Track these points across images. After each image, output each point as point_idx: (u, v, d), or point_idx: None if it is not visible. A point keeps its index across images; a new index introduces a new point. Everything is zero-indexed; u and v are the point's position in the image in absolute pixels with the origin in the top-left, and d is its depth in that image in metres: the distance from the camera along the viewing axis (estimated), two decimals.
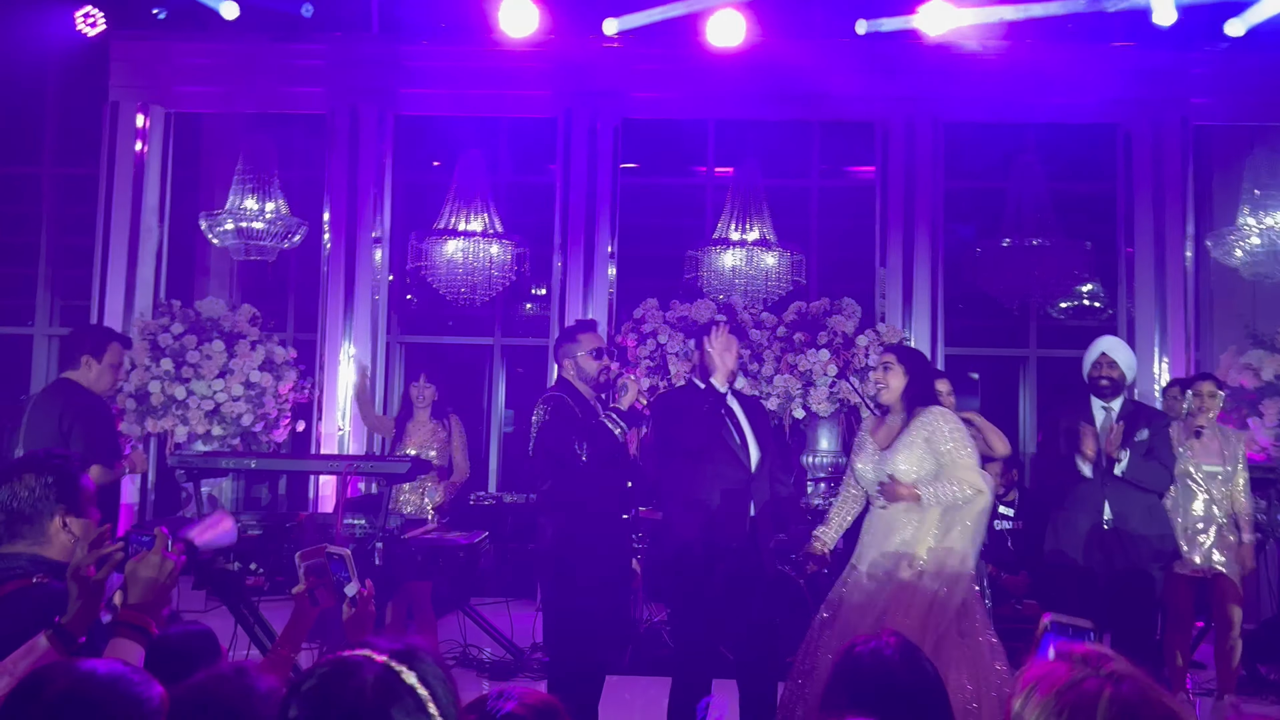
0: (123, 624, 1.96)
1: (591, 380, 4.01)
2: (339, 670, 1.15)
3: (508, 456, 8.30)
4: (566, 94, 7.47)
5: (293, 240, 7.12)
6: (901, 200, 7.31)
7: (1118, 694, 1.17)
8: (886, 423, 3.84)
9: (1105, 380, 4.48)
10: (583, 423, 3.78)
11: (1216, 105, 7.27)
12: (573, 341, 4.03)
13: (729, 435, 3.87)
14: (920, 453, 3.65)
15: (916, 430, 3.68)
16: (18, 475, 2.22)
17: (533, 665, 5.53)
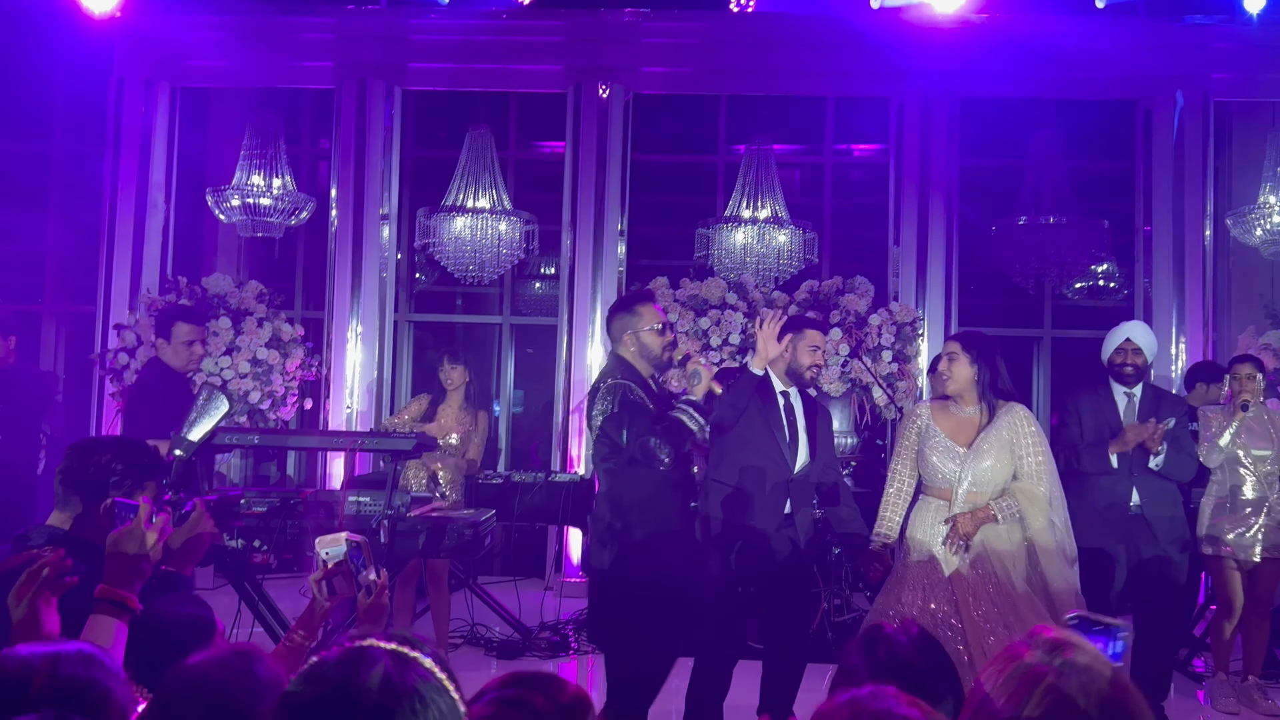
0: (101, 600, 1.90)
1: (656, 360, 3.56)
2: (350, 658, 1.09)
3: (516, 436, 8.27)
4: (577, 68, 7.39)
5: (300, 217, 7.07)
6: (916, 177, 7.21)
7: (1058, 683, 1.17)
8: (956, 414, 3.67)
9: (1130, 367, 4.39)
10: (655, 416, 3.38)
11: (1237, 81, 7.14)
12: (631, 314, 3.56)
13: (778, 429, 3.79)
14: (1006, 454, 3.56)
15: (1001, 429, 3.57)
16: (95, 449, 2.32)
17: (540, 645, 5.51)
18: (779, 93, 7.60)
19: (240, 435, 3.47)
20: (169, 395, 4.28)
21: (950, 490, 3.60)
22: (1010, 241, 6.79)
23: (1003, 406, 3.61)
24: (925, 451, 3.65)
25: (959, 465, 3.56)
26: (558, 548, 7.13)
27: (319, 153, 8.18)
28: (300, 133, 8.25)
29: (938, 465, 3.61)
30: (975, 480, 3.56)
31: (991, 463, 3.54)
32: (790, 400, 3.85)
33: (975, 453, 3.55)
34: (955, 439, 3.61)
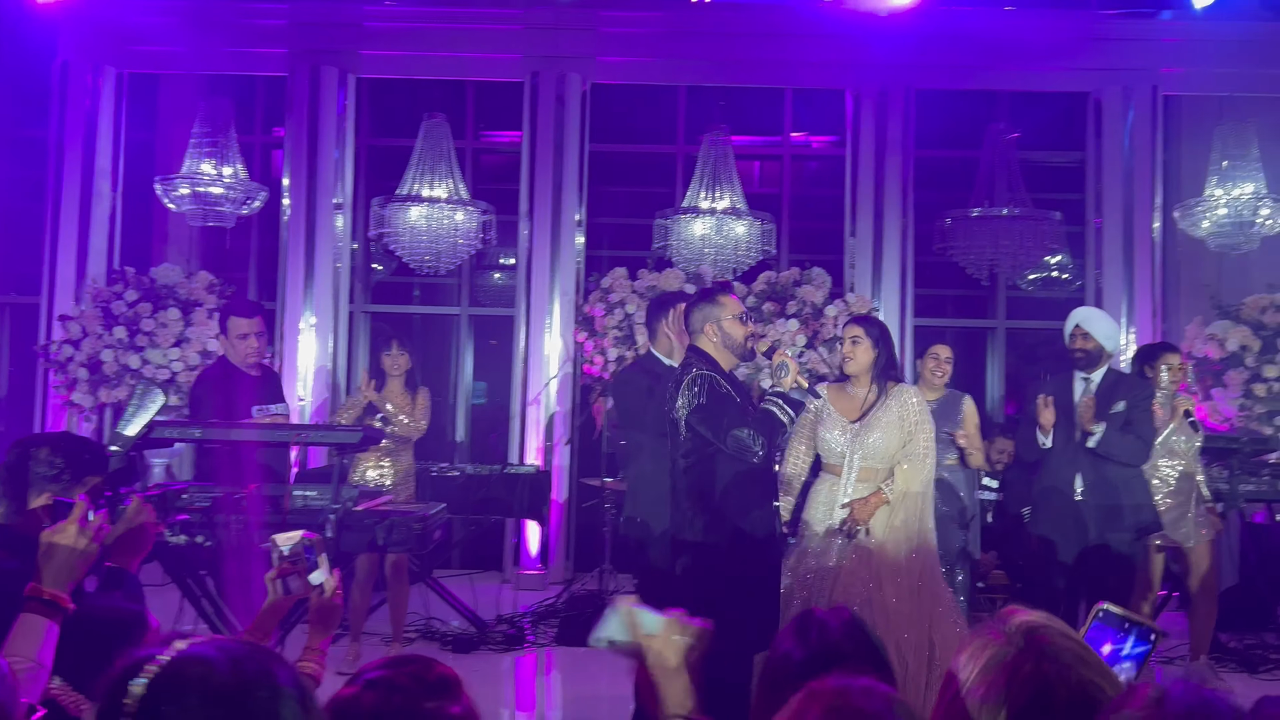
0: (31, 599, 1.85)
1: (739, 350, 3.45)
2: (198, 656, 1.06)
3: (477, 428, 8.21)
4: (534, 57, 7.33)
5: (252, 206, 6.95)
6: (872, 169, 7.25)
7: (1016, 661, 1.16)
8: (849, 393, 3.81)
9: (1080, 353, 4.45)
10: (744, 409, 3.32)
11: (1186, 75, 7.25)
12: (713, 304, 3.46)
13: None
14: (895, 431, 3.67)
15: (891, 407, 3.69)
16: (35, 443, 2.28)
17: (496, 638, 5.48)
18: (737, 83, 7.59)
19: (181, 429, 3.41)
20: (223, 392, 4.24)
21: (842, 466, 3.70)
22: (964, 233, 6.85)
23: (893, 387, 3.75)
24: (819, 430, 3.77)
25: (849, 440, 3.68)
26: (516, 540, 7.10)
27: (272, 141, 8.05)
28: (252, 120, 8.11)
29: (830, 441, 3.72)
30: (865, 454, 3.68)
31: (879, 436, 3.66)
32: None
33: (864, 427, 3.68)
34: (847, 416, 3.73)
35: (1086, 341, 4.43)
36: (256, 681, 1.02)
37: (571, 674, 5.22)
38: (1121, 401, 4.32)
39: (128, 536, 2.46)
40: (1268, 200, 6.45)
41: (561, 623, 5.84)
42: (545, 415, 7.13)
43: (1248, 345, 6.44)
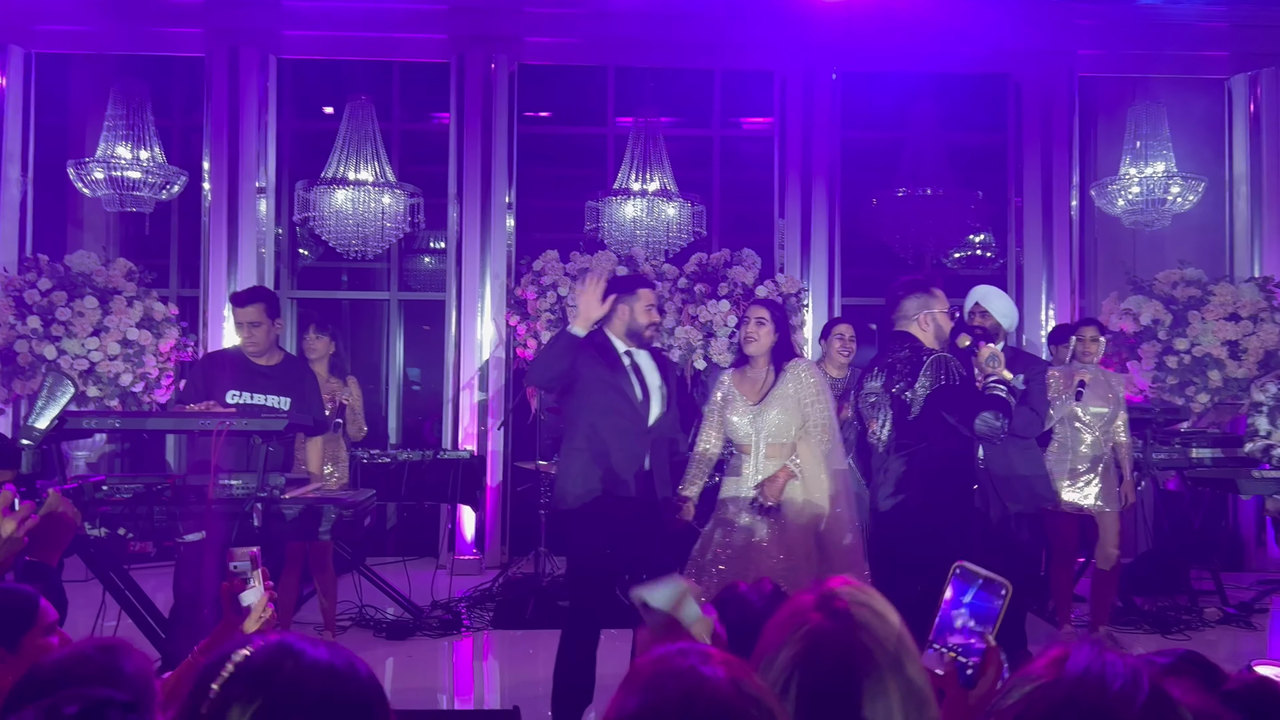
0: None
1: (944, 342, 3.70)
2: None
3: (409, 414, 8.13)
4: (461, 38, 7.24)
5: (171, 191, 6.77)
6: (799, 151, 7.32)
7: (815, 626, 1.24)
8: (749, 376, 3.90)
9: (978, 330, 4.55)
10: (974, 391, 3.47)
11: (1101, 57, 7.46)
12: (930, 295, 3.72)
13: (629, 389, 3.83)
14: (793, 407, 3.78)
15: (787, 384, 3.80)
16: None
17: (431, 624, 5.46)
18: (666, 65, 7.60)
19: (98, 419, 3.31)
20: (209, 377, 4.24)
21: (746, 444, 3.82)
22: (890, 213, 6.97)
23: (788, 364, 3.86)
24: (726, 414, 3.87)
25: (752, 420, 3.79)
26: (451, 526, 7.06)
27: (191, 124, 7.83)
28: (170, 103, 7.89)
29: (736, 423, 3.83)
30: (769, 433, 3.77)
31: (778, 413, 3.76)
32: (635, 359, 3.88)
33: (764, 406, 3.78)
34: (749, 398, 3.84)
35: (985, 319, 4.54)
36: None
37: (509, 658, 5.22)
38: (1019, 375, 4.45)
39: (45, 529, 2.39)
40: (1178, 179, 6.67)
41: (497, 607, 5.84)
42: (478, 400, 7.10)
43: (1160, 319, 6.67)
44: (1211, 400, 6.63)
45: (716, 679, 1.03)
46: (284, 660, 1.07)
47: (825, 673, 1.21)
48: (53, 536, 2.41)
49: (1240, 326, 6.60)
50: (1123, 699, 0.93)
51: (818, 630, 1.23)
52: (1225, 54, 7.40)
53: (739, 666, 1.07)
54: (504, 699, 4.62)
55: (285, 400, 4.22)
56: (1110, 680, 0.95)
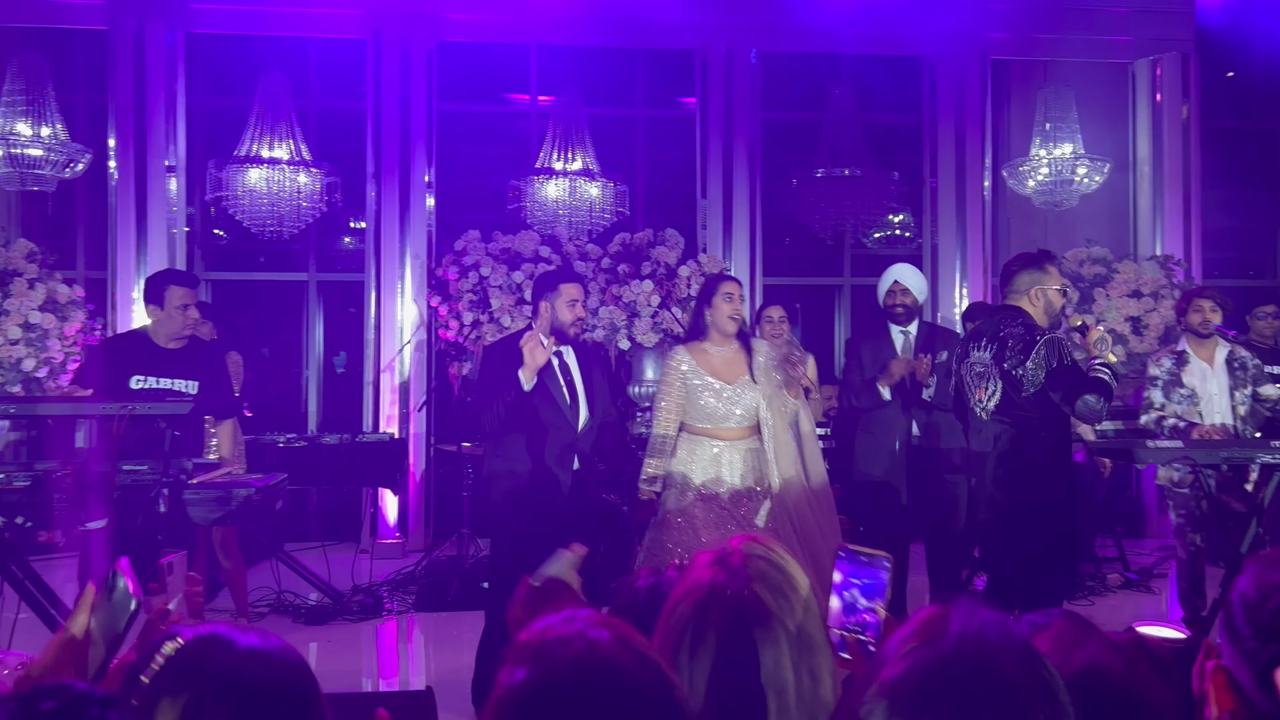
0: None
1: (1053, 318, 3.86)
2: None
3: (337, 398, 8.00)
4: (377, 13, 7.10)
5: (75, 169, 6.53)
6: (721, 131, 7.36)
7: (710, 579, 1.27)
8: (717, 354, 3.84)
9: (900, 308, 4.65)
10: (1080, 373, 3.59)
11: (1012, 40, 7.63)
12: (1042, 271, 3.83)
13: (558, 394, 3.80)
14: (765, 384, 3.80)
15: (759, 363, 3.82)
16: None
17: (352, 608, 5.41)
18: (588, 43, 7.55)
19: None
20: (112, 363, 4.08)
21: (719, 429, 3.78)
22: (810, 193, 7.05)
23: (754, 343, 3.89)
24: (696, 394, 3.79)
25: (728, 400, 3.76)
26: (373, 510, 6.99)
27: (96, 100, 7.55)
28: (74, 78, 7.60)
29: (710, 404, 3.78)
30: (746, 412, 3.78)
31: (754, 393, 3.78)
32: (565, 359, 3.87)
33: (742, 386, 3.78)
34: (719, 377, 3.80)
35: (905, 296, 4.64)
36: None
37: (432, 640, 5.20)
38: (944, 352, 4.56)
39: None
40: (1085, 160, 6.87)
41: (420, 589, 5.81)
42: (399, 382, 7.02)
43: (1068, 296, 6.88)
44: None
45: (603, 641, 1.04)
46: (214, 650, 1.06)
47: (719, 623, 1.24)
48: None
49: (1142, 303, 6.85)
50: (1001, 656, 0.96)
51: (712, 583, 1.26)
52: (1129, 39, 7.63)
53: (624, 627, 1.08)
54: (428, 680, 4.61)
55: (193, 384, 4.12)
56: (989, 638, 0.98)
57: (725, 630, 1.24)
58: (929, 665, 0.97)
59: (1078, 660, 1.30)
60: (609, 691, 1.01)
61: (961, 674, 0.95)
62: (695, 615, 1.26)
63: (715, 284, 3.89)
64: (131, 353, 4.06)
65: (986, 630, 1.00)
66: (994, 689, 0.93)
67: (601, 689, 1.01)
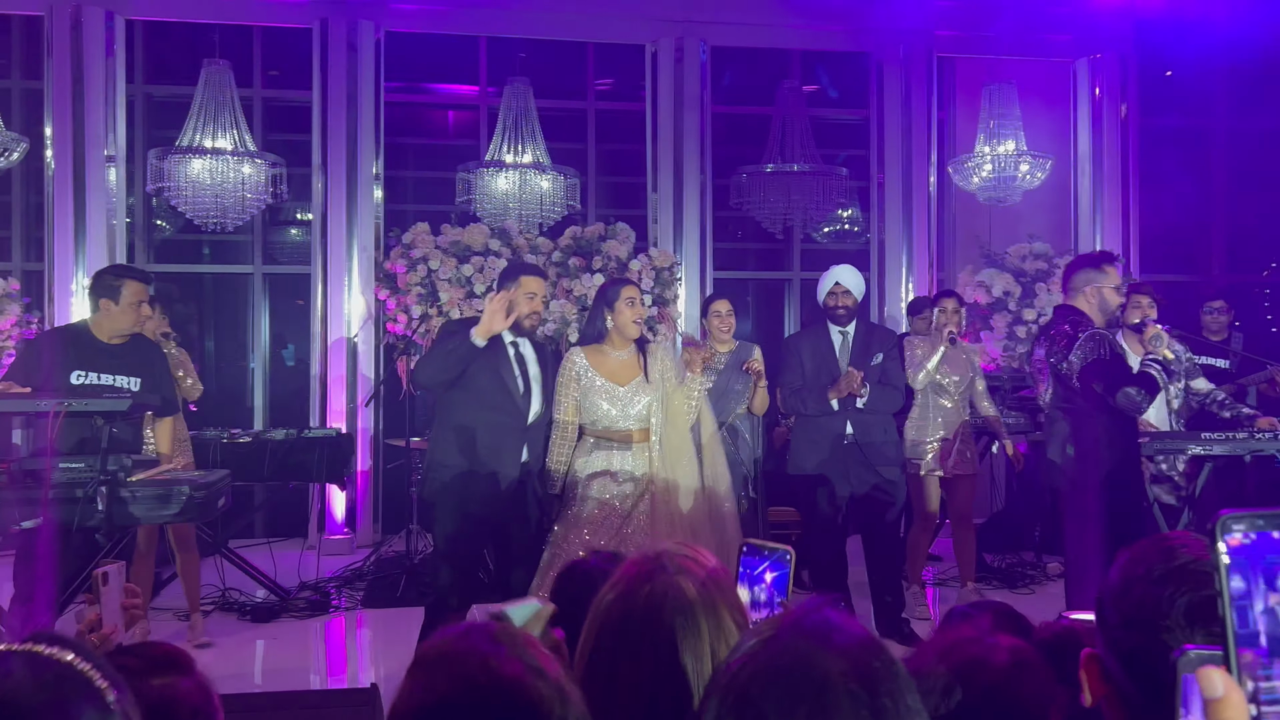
0: None
1: (1109, 316, 3.93)
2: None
3: (278, 390, 7.89)
4: (323, 2, 7.00)
5: (10, 158, 6.35)
6: (671, 124, 7.37)
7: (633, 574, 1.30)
8: (612, 356, 3.85)
9: (841, 309, 4.68)
10: (1123, 366, 3.72)
11: (958, 38, 7.73)
12: (1099, 270, 3.92)
13: (511, 381, 3.80)
14: (657, 390, 3.83)
15: (654, 367, 3.85)
16: None
17: (299, 605, 5.35)
18: (537, 35, 7.52)
19: None
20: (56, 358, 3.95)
21: (616, 430, 3.81)
22: (760, 187, 7.10)
23: (649, 347, 3.93)
24: (591, 397, 3.81)
25: (623, 404, 3.79)
26: (321, 505, 6.91)
27: (31, 87, 7.36)
28: (7, 65, 7.40)
29: (605, 408, 3.80)
30: (641, 416, 3.81)
31: (649, 397, 3.81)
32: (521, 351, 3.87)
33: (636, 389, 3.81)
34: (613, 379, 3.82)
35: (846, 298, 4.68)
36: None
37: (380, 636, 5.17)
38: (879, 354, 4.63)
39: None
40: (1028, 156, 7.00)
41: (369, 585, 5.76)
42: (347, 376, 6.95)
43: (1010, 291, 7.01)
44: None
45: (499, 656, 1.04)
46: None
47: (639, 616, 1.26)
48: None
49: None
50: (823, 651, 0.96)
51: (634, 577, 1.29)
52: (1070, 37, 7.77)
53: (529, 644, 1.09)
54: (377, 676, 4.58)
55: (135, 380, 4.04)
56: (813, 633, 0.99)
57: (644, 621, 1.26)
58: (755, 661, 0.98)
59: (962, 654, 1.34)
60: (504, 707, 1.02)
61: (780, 669, 0.96)
62: (616, 608, 1.28)
63: (617, 288, 3.89)
64: (72, 347, 3.96)
65: (813, 625, 1.00)
66: (812, 683, 0.93)
67: (495, 705, 1.02)
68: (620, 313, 3.83)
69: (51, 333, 4.37)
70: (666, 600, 1.26)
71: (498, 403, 3.75)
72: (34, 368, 3.86)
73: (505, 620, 1.51)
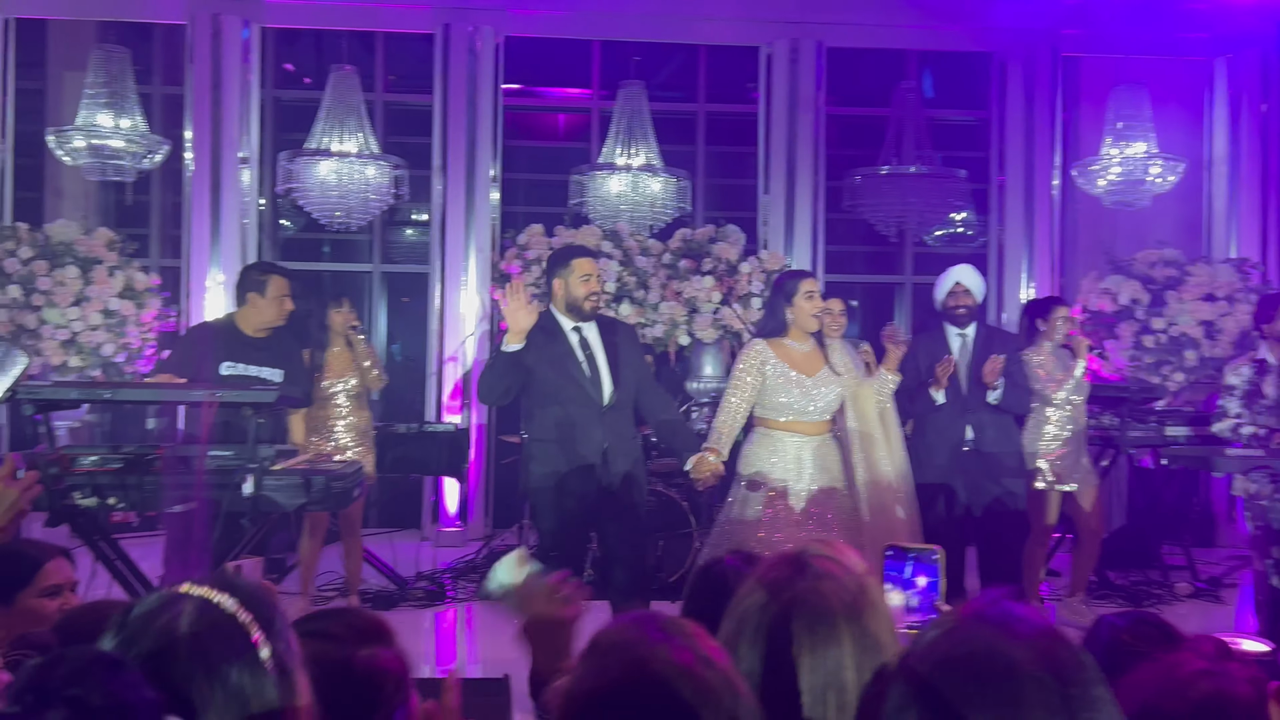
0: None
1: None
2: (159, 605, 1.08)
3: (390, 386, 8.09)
4: (445, 8, 7.18)
5: (153, 160, 6.70)
6: (785, 126, 7.33)
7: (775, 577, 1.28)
8: (795, 349, 3.83)
9: (962, 309, 4.58)
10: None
11: (1085, 36, 7.49)
12: None
13: (575, 369, 3.77)
14: (842, 382, 3.85)
15: (835, 360, 3.87)
16: None
17: (416, 595, 5.50)
18: (651, 38, 7.57)
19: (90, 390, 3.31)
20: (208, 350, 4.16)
21: (798, 422, 3.77)
22: (873, 190, 7.00)
23: (829, 341, 3.92)
24: (778, 386, 3.76)
25: (806, 395, 3.76)
26: (434, 498, 7.09)
27: (171, 92, 7.74)
28: (151, 70, 7.80)
29: (786, 400, 3.76)
30: (823, 407, 3.80)
31: (833, 389, 3.81)
32: (584, 335, 3.82)
33: (820, 380, 3.79)
34: (802, 370, 3.79)
35: (967, 298, 4.57)
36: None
37: (493, 628, 5.27)
38: (1002, 355, 4.51)
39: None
40: (1158, 159, 6.74)
41: (482, 578, 5.87)
42: (462, 373, 7.11)
43: (1138, 299, 6.76)
44: (1186, 379, 6.74)
45: (671, 645, 1.05)
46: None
47: (779, 619, 1.25)
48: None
49: (1216, 307, 6.69)
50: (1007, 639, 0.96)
51: (777, 580, 1.28)
52: (1207, 35, 7.45)
53: (694, 632, 1.10)
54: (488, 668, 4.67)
55: (278, 372, 4.22)
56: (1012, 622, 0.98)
57: (785, 626, 1.25)
58: (937, 650, 0.98)
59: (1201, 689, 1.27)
60: (673, 697, 1.03)
61: (966, 657, 0.96)
62: (758, 610, 1.27)
63: (795, 281, 3.85)
64: (222, 340, 4.17)
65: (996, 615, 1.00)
66: (999, 671, 0.94)
67: (666, 692, 1.03)
68: (799, 306, 3.80)
69: (202, 327, 4.62)
70: (806, 608, 1.25)
71: (568, 394, 3.72)
72: (189, 360, 4.07)
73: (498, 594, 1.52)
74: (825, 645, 1.23)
